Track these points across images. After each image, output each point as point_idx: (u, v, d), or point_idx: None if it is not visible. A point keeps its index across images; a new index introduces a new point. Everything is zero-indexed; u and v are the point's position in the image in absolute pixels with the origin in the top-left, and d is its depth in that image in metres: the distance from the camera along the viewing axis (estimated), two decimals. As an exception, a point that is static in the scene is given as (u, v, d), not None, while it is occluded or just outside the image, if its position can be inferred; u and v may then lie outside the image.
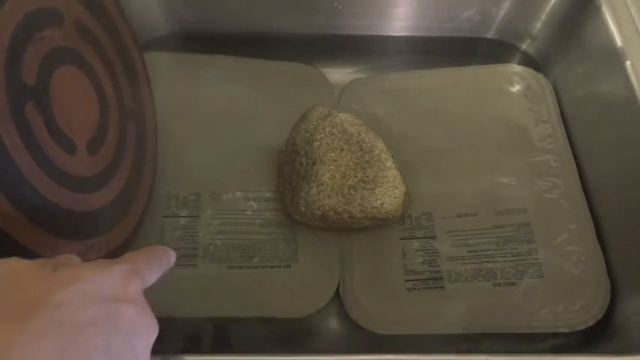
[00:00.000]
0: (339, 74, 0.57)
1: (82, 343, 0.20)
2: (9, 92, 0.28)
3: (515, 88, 0.54)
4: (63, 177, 0.32)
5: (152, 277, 0.27)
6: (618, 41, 0.47)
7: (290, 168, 0.46)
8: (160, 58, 0.56)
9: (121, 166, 0.40)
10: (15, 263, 0.22)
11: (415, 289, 0.45)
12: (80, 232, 0.34)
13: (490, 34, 0.60)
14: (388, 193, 0.43)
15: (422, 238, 0.47)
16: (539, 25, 0.57)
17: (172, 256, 0.29)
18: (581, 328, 0.43)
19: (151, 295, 0.43)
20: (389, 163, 0.44)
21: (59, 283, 0.21)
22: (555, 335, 0.43)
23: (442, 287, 0.44)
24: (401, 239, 0.47)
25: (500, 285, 0.44)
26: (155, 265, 0.27)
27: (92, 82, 0.37)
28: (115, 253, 0.38)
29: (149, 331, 0.24)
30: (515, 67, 0.56)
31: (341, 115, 0.46)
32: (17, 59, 0.29)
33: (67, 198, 0.32)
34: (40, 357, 0.19)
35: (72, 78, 0.35)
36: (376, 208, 0.43)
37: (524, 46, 0.59)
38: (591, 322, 0.43)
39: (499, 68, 0.56)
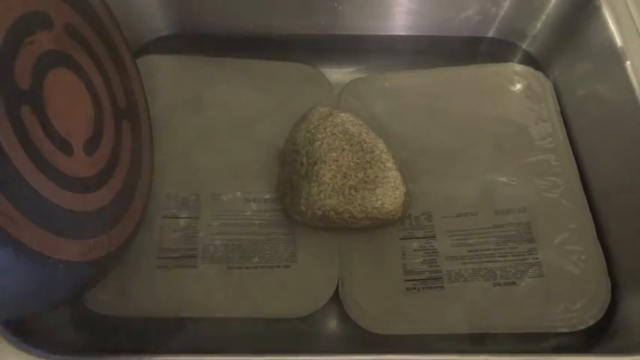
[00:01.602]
0: (339, 74, 0.57)
1: None
2: (4, 97, 0.28)
3: (516, 87, 0.54)
4: (62, 178, 0.33)
5: None
6: (618, 41, 0.47)
7: (290, 168, 0.46)
8: (160, 60, 0.56)
9: (118, 166, 0.40)
10: None
11: (415, 289, 0.45)
12: (81, 231, 0.34)
13: (490, 34, 0.60)
14: (389, 194, 0.43)
15: (421, 237, 0.47)
16: (539, 24, 0.57)
17: None
18: (582, 327, 0.42)
19: (151, 296, 0.44)
20: (389, 164, 0.44)
21: None
22: (555, 335, 0.43)
23: (442, 287, 0.44)
24: (400, 239, 0.47)
25: (500, 285, 0.44)
26: None
27: (85, 83, 0.38)
28: (117, 252, 0.38)
29: None
30: (516, 67, 0.56)
31: (342, 115, 0.46)
32: (9, 64, 0.30)
33: (67, 199, 0.33)
34: None
35: (65, 80, 0.36)
36: (377, 208, 0.43)
37: (524, 46, 0.59)
38: (591, 322, 0.43)
39: (499, 67, 0.56)
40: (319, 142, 0.44)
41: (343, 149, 0.44)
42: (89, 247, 0.34)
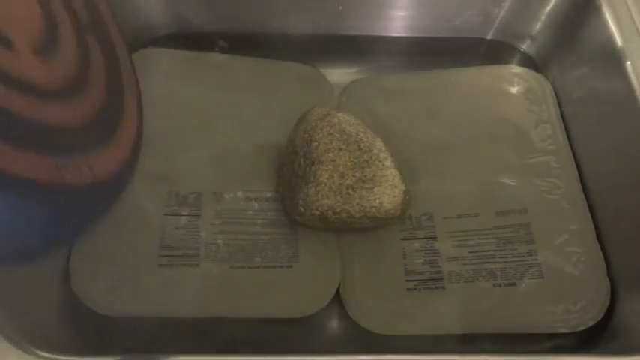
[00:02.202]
0: (339, 74, 0.57)
1: None
2: None
3: (516, 89, 0.55)
4: (1, 73, 0.29)
5: None
6: (618, 41, 0.47)
7: (289, 169, 0.46)
8: (160, 55, 0.56)
9: (89, 85, 0.38)
10: None
11: (415, 289, 0.45)
12: (46, 147, 0.31)
13: (490, 35, 0.60)
14: (387, 192, 0.43)
15: (422, 238, 0.47)
16: (538, 25, 0.57)
17: None
18: (581, 328, 0.43)
19: (153, 295, 0.44)
20: (388, 162, 0.44)
21: None
22: (555, 335, 0.43)
23: (442, 287, 0.44)
24: (402, 239, 0.47)
25: (500, 285, 0.44)
26: None
27: None
28: (106, 183, 0.36)
29: None
30: (515, 68, 0.56)
31: (339, 115, 0.46)
32: None
33: (17, 103, 0.29)
34: None
35: None
36: (375, 207, 0.43)
37: (523, 47, 0.59)
38: (591, 323, 0.43)
39: (499, 69, 0.56)
40: (316, 143, 0.44)
41: (340, 149, 0.44)
42: (56, 166, 0.31)
